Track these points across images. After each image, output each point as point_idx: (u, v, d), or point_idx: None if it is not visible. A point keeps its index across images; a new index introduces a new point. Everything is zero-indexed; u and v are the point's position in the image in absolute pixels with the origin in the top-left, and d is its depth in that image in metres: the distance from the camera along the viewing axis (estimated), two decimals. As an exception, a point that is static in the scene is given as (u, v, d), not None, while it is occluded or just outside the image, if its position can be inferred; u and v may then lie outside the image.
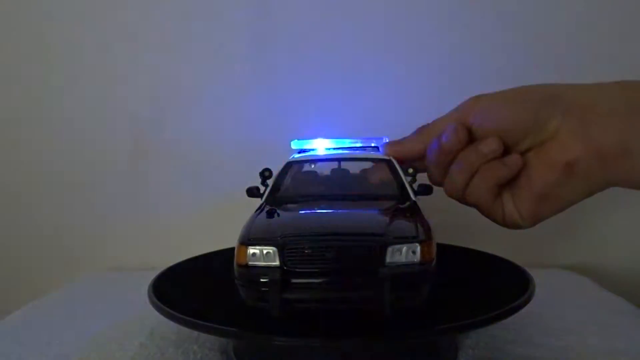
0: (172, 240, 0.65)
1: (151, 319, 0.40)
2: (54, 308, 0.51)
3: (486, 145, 0.36)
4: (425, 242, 0.33)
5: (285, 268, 0.32)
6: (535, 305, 0.34)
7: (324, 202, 0.41)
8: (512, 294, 0.34)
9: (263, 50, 0.64)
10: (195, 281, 0.43)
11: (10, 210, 0.69)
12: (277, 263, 0.32)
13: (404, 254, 0.32)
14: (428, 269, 0.32)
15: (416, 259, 0.32)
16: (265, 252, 0.33)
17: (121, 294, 0.54)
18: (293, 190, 0.43)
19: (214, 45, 0.65)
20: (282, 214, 0.38)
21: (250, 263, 0.33)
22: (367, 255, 0.32)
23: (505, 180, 0.36)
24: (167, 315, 0.34)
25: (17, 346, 0.41)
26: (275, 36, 0.64)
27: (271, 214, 0.38)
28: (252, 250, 0.33)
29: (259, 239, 0.33)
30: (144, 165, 0.67)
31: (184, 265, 0.45)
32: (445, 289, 0.34)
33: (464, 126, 0.36)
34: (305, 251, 0.32)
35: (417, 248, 0.32)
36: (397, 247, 0.32)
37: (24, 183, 0.68)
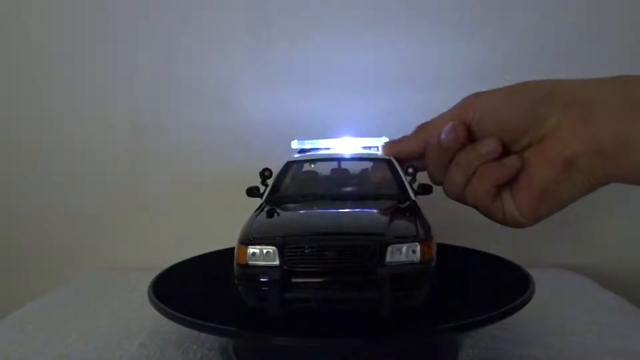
0: (172, 240, 0.65)
1: (151, 319, 0.40)
2: (54, 308, 0.51)
3: (485, 145, 0.36)
4: (425, 242, 0.33)
5: (286, 267, 0.32)
6: (535, 305, 0.34)
7: (323, 202, 0.41)
8: (512, 294, 0.34)
9: (263, 50, 0.64)
10: (195, 281, 0.43)
11: (10, 210, 0.69)
12: (277, 262, 0.32)
13: (404, 254, 0.32)
14: (428, 268, 0.32)
15: (416, 258, 0.32)
16: (265, 251, 0.33)
17: (121, 294, 0.54)
18: (293, 190, 0.43)
19: (214, 45, 0.65)
20: (282, 213, 0.38)
21: (251, 263, 0.33)
22: (367, 255, 0.32)
23: (504, 181, 0.36)
24: (167, 315, 0.34)
25: (17, 346, 0.41)
26: (275, 36, 0.64)
27: (271, 213, 0.38)
28: (252, 249, 0.33)
29: (259, 239, 0.33)
30: (143, 165, 0.67)
31: (184, 265, 0.46)
32: (445, 289, 0.34)
33: (463, 124, 0.36)
34: (305, 251, 0.32)
35: (417, 247, 0.32)
36: (397, 246, 0.32)
37: (23, 183, 0.68)
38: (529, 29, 0.62)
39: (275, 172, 0.43)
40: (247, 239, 0.34)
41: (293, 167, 0.44)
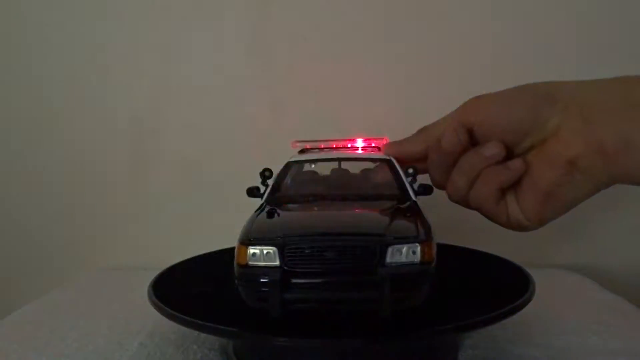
0: (172, 240, 0.65)
1: (151, 319, 0.40)
2: (54, 308, 0.51)
3: (489, 149, 0.35)
4: (426, 242, 0.33)
5: (286, 268, 0.32)
6: (535, 305, 0.34)
7: (324, 202, 0.41)
8: (512, 294, 0.34)
9: (263, 49, 0.64)
10: (195, 281, 0.43)
11: (10, 210, 0.69)
12: (277, 263, 0.32)
13: (404, 254, 0.32)
14: (428, 269, 0.32)
15: (416, 259, 0.32)
16: (265, 252, 0.33)
17: (121, 294, 0.54)
18: (293, 190, 0.43)
19: (214, 45, 0.65)
20: (282, 213, 0.38)
21: (251, 263, 0.33)
22: (367, 255, 0.32)
23: (508, 185, 0.36)
24: (167, 315, 0.34)
25: (17, 346, 0.41)
26: (275, 36, 0.64)
27: (271, 214, 0.38)
28: (252, 250, 0.33)
29: (259, 239, 0.33)
30: (143, 165, 0.67)
31: (184, 265, 0.46)
32: (445, 289, 0.34)
33: (465, 127, 0.36)
34: (306, 251, 0.32)
35: (418, 248, 0.32)
36: (398, 247, 0.32)
37: (24, 183, 0.68)
38: (529, 31, 0.62)
39: (275, 172, 0.43)
40: (247, 239, 0.34)
41: (293, 167, 0.44)
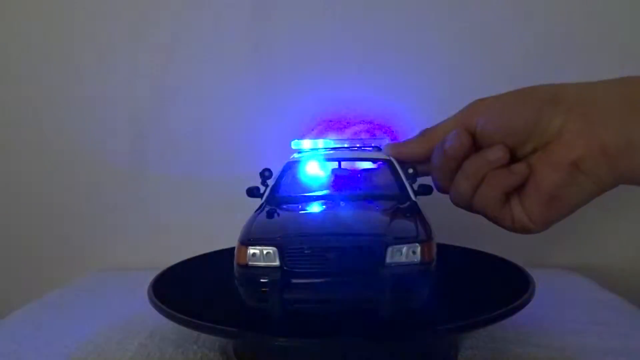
0: (172, 240, 0.65)
1: (151, 319, 0.40)
2: (54, 308, 0.51)
3: (492, 153, 0.35)
4: (426, 242, 0.33)
5: (285, 268, 0.32)
6: (535, 305, 0.34)
7: (324, 202, 0.41)
8: (512, 294, 0.34)
9: (263, 49, 0.64)
10: (195, 281, 0.43)
11: (10, 210, 0.69)
12: (277, 263, 0.32)
13: (405, 254, 0.32)
14: (428, 269, 0.32)
15: (416, 259, 0.32)
16: (265, 252, 0.33)
17: (121, 294, 0.54)
18: (293, 190, 0.43)
19: (214, 45, 0.65)
20: (282, 214, 0.38)
21: (250, 263, 0.33)
22: (367, 256, 0.32)
23: (513, 188, 0.36)
24: (167, 315, 0.34)
25: (17, 346, 0.41)
26: (275, 36, 0.64)
27: (271, 214, 0.38)
28: (252, 250, 0.33)
29: (259, 239, 0.33)
30: (143, 165, 0.67)
31: (184, 265, 0.46)
32: (445, 289, 0.34)
33: (467, 131, 0.36)
34: (306, 251, 0.32)
35: (418, 248, 0.32)
36: (398, 247, 0.32)
37: (23, 183, 0.68)
38: (530, 33, 0.62)
39: (275, 172, 0.43)
40: (247, 240, 0.34)
41: (293, 167, 0.44)
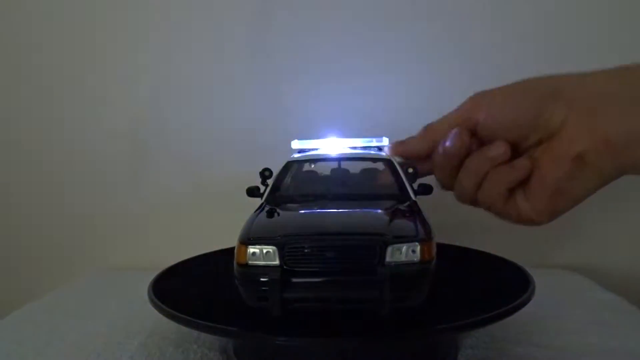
0: (172, 240, 0.65)
1: (151, 319, 0.40)
2: (54, 308, 0.51)
3: (492, 150, 0.35)
4: (425, 242, 0.33)
5: (285, 267, 0.32)
6: (535, 305, 0.34)
7: (323, 202, 0.41)
8: (512, 294, 0.34)
9: (263, 50, 0.64)
10: (195, 281, 0.43)
11: (10, 210, 0.69)
12: (277, 262, 0.32)
13: (404, 254, 0.32)
14: (428, 268, 0.32)
15: (416, 258, 0.32)
16: (265, 251, 0.33)
17: (121, 294, 0.54)
18: (293, 190, 0.43)
19: (214, 45, 0.65)
20: (282, 213, 0.38)
21: (250, 262, 0.33)
22: (367, 255, 0.32)
23: (515, 184, 0.35)
24: (167, 315, 0.34)
25: (17, 346, 0.41)
26: (275, 36, 0.64)
27: (271, 213, 0.38)
28: (252, 249, 0.33)
29: (259, 238, 0.33)
30: (143, 165, 0.67)
31: (184, 265, 0.46)
32: (445, 289, 0.34)
33: (467, 130, 0.36)
34: (305, 250, 0.32)
35: (417, 247, 0.32)
36: (397, 246, 0.32)
37: (24, 183, 0.68)
38: (529, 29, 0.62)
39: (275, 172, 0.43)
40: (247, 239, 0.34)
41: (293, 167, 0.44)
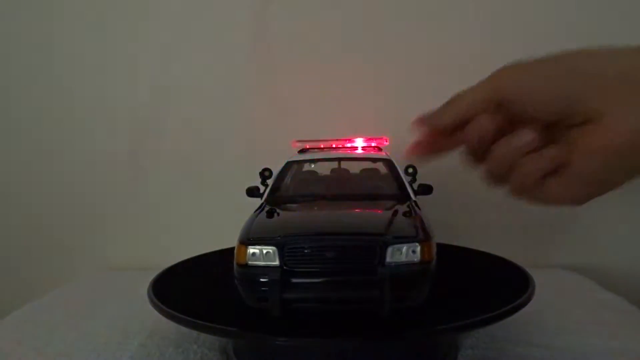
0: (172, 240, 0.65)
1: (151, 319, 0.40)
2: (54, 308, 0.51)
3: (520, 138, 0.32)
4: (425, 242, 0.33)
5: (285, 268, 0.32)
6: (535, 305, 0.34)
7: (324, 202, 0.41)
8: (512, 294, 0.34)
9: (263, 50, 0.64)
10: (195, 281, 0.43)
11: (10, 210, 0.69)
12: (277, 263, 0.32)
13: (404, 254, 0.32)
14: (428, 268, 0.32)
15: (416, 258, 0.32)
16: (265, 251, 0.33)
17: (121, 294, 0.54)
18: (293, 190, 0.43)
19: (214, 45, 0.65)
20: (282, 213, 0.38)
21: (250, 263, 0.33)
22: (367, 255, 0.32)
23: (546, 172, 0.32)
24: (167, 315, 0.34)
25: (17, 346, 0.41)
26: (275, 36, 0.64)
27: (271, 213, 0.38)
28: (252, 249, 0.33)
29: (259, 239, 0.33)
30: (143, 165, 0.67)
31: (184, 265, 0.46)
32: (445, 289, 0.34)
33: (492, 117, 0.32)
34: (305, 251, 0.32)
35: (417, 248, 0.32)
36: (397, 246, 0.32)
37: (24, 183, 0.68)
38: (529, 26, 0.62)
39: (275, 172, 0.43)
40: (247, 239, 0.34)
41: (293, 167, 0.44)
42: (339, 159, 0.45)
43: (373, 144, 0.46)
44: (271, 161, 0.44)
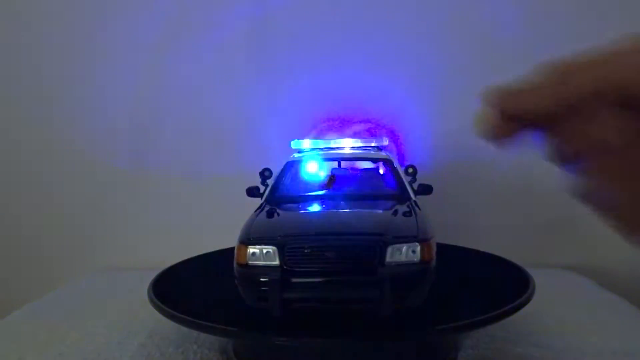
0: (172, 240, 0.65)
1: (151, 319, 0.40)
2: (54, 308, 0.51)
3: None
4: (425, 242, 0.33)
5: (285, 267, 0.32)
6: (535, 305, 0.34)
7: (323, 202, 0.41)
8: (512, 294, 0.34)
9: (263, 50, 0.64)
10: (195, 281, 0.43)
11: (10, 210, 0.69)
12: (277, 262, 0.32)
13: (404, 254, 0.32)
14: (428, 268, 0.32)
15: (416, 258, 0.32)
16: (265, 251, 0.33)
17: (121, 294, 0.54)
18: (293, 190, 0.43)
19: (214, 45, 0.65)
20: (282, 213, 0.38)
21: (250, 262, 0.33)
22: (367, 255, 0.32)
23: None
24: (167, 315, 0.34)
25: (17, 346, 0.41)
26: (275, 36, 0.64)
27: (271, 213, 0.38)
28: (252, 249, 0.33)
29: (259, 239, 0.33)
30: (143, 165, 0.67)
31: (184, 265, 0.46)
32: (445, 289, 0.34)
33: (616, 92, 0.22)
34: (305, 250, 0.32)
35: (417, 247, 0.32)
36: (397, 246, 0.32)
37: (24, 183, 0.68)
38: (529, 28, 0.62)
39: (275, 172, 0.43)
40: (247, 239, 0.34)
41: (293, 167, 0.44)
42: (339, 159, 0.45)
43: (373, 144, 0.46)
44: (271, 161, 0.44)
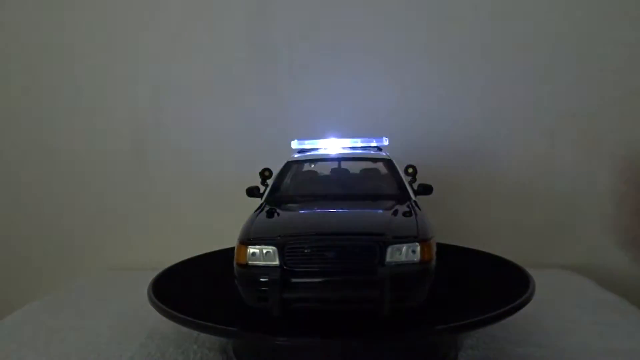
0: (172, 240, 0.65)
1: (151, 319, 0.41)
2: (54, 308, 0.51)
3: None
4: (425, 242, 0.33)
5: (285, 267, 0.32)
6: (535, 305, 0.34)
7: (323, 202, 0.41)
8: (512, 294, 0.34)
9: (263, 50, 0.64)
10: (195, 281, 0.43)
11: (10, 210, 0.69)
12: (277, 262, 0.32)
13: (404, 254, 0.32)
14: (428, 268, 0.32)
15: (416, 258, 0.32)
16: (265, 251, 0.33)
17: (121, 294, 0.54)
18: (293, 190, 0.43)
19: (214, 46, 0.65)
20: (282, 213, 0.38)
21: (250, 262, 0.33)
22: (367, 255, 0.32)
23: None
24: (167, 315, 0.34)
25: (17, 346, 0.41)
26: (275, 36, 0.64)
27: (271, 213, 0.38)
28: (252, 249, 0.33)
29: (259, 239, 0.33)
30: (144, 165, 0.67)
31: (184, 265, 0.46)
32: (445, 289, 0.34)
33: None
34: (305, 250, 0.32)
35: (417, 247, 0.32)
36: (397, 246, 0.32)
37: (24, 183, 0.68)
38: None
39: (275, 172, 0.43)
40: (247, 239, 0.34)
41: (293, 167, 0.44)
42: (339, 159, 0.45)
43: (373, 144, 0.46)
44: (271, 161, 0.44)
